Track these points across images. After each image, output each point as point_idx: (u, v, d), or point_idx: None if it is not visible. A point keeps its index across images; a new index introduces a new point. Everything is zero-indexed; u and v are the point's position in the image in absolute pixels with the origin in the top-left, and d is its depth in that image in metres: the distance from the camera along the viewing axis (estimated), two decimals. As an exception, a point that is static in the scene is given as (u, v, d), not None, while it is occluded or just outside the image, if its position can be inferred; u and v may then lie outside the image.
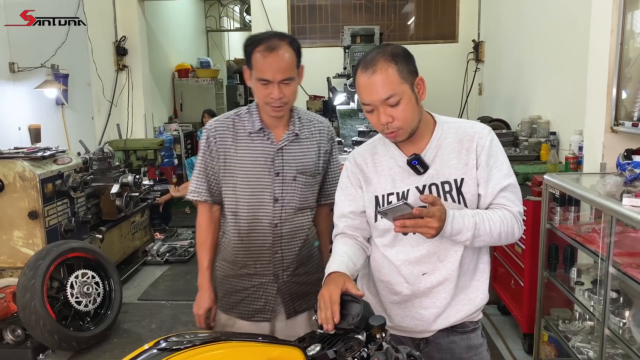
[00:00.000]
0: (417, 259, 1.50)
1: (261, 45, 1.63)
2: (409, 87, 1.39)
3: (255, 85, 1.68)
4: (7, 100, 4.11)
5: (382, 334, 1.22)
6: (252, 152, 1.75)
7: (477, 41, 6.11)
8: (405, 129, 1.42)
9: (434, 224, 1.30)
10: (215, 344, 1.09)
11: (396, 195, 1.49)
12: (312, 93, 6.17)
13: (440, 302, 1.51)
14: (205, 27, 10.11)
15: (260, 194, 1.76)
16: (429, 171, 1.47)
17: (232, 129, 1.77)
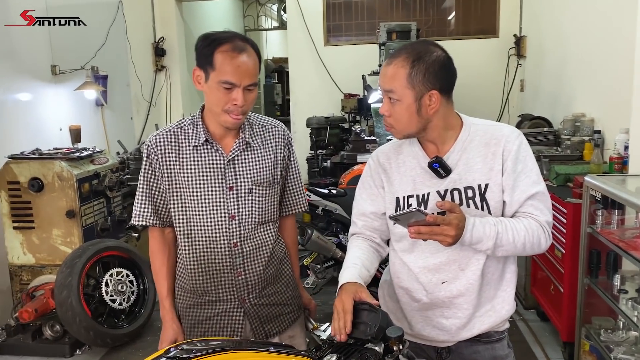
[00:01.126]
0: (436, 267, 1.44)
1: (226, 45, 1.48)
2: (414, 95, 1.34)
3: (213, 89, 1.50)
4: (49, 102, 4.24)
5: (399, 346, 1.16)
6: (199, 167, 1.59)
7: (518, 36, 5.90)
8: (397, 129, 1.39)
9: (450, 232, 1.25)
10: (226, 354, 1.06)
11: (416, 198, 1.44)
12: (347, 91, 6.11)
13: (463, 313, 1.45)
14: (244, 27, 10.19)
15: (213, 212, 1.60)
16: (451, 175, 1.41)
17: (174, 143, 1.60)
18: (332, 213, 3.67)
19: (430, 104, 1.35)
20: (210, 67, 1.48)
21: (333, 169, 5.21)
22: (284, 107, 10.33)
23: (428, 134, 1.41)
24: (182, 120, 1.65)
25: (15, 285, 3.50)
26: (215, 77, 1.48)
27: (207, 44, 1.50)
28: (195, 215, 1.61)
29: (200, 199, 1.59)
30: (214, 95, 1.50)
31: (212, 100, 1.52)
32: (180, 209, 1.62)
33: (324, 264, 3.59)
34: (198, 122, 1.61)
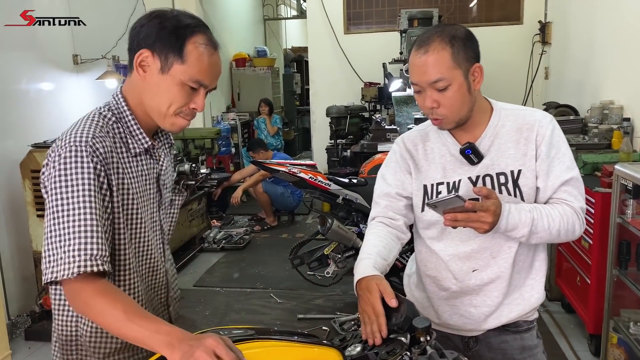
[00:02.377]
0: (467, 255, 1.40)
1: (202, 36, 1.17)
2: (462, 73, 1.29)
3: (171, 85, 1.16)
4: (71, 91, 4.27)
5: (426, 337, 1.13)
6: (140, 180, 1.24)
7: (543, 22, 5.76)
8: (450, 118, 1.32)
9: (488, 219, 1.21)
10: (250, 342, 1.04)
11: (446, 185, 1.40)
12: (367, 80, 6.06)
13: (492, 301, 1.41)
14: (263, 16, 10.16)
15: (152, 234, 1.29)
16: (483, 161, 1.37)
17: (114, 149, 1.18)
18: (353, 202, 3.64)
19: (475, 78, 1.32)
20: (177, 58, 1.15)
21: (353, 159, 5.17)
22: (303, 96, 10.30)
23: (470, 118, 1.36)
24: (101, 115, 1.21)
25: (40, 273, 3.55)
26: (181, 72, 1.15)
27: (176, 27, 1.16)
28: (140, 244, 1.26)
29: (144, 222, 1.25)
30: (169, 93, 1.17)
31: (162, 98, 1.17)
32: (127, 240, 1.21)
33: (344, 254, 3.56)
34: (129, 118, 1.23)
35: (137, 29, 1.18)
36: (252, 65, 8.42)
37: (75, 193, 1.08)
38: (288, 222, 5.89)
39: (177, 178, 1.46)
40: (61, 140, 1.13)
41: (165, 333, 1.00)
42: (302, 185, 3.61)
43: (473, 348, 1.48)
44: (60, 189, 1.08)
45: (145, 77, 1.17)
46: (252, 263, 4.65)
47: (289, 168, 3.47)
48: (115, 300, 1.06)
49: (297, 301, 3.85)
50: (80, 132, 1.13)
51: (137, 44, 1.17)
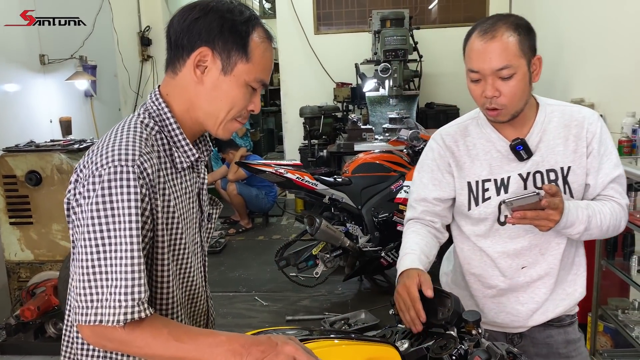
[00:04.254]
0: (517, 252, 1.41)
1: (261, 29, 1.05)
2: (526, 63, 1.27)
3: (235, 86, 1.04)
4: (38, 93, 4.08)
5: (477, 330, 1.14)
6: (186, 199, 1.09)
7: (508, 23, 5.93)
8: (509, 109, 1.29)
9: (556, 217, 1.22)
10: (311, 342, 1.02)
11: (494, 182, 1.39)
12: (339, 80, 6.07)
13: (539, 297, 1.43)
14: (225, 16, 10.00)
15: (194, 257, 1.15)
16: (533, 158, 1.36)
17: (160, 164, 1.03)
18: (339, 202, 3.64)
19: (534, 70, 1.30)
20: (243, 56, 1.02)
21: (328, 159, 5.17)
22: (267, 97, 10.22)
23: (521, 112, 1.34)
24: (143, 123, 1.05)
25: (13, 283, 3.37)
26: (246, 72, 1.03)
27: (238, 20, 1.02)
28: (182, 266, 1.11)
29: (187, 243, 1.10)
30: (231, 95, 1.04)
31: (223, 101, 1.04)
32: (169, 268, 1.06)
33: (332, 253, 3.56)
34: (175, 129, 1.07)
35: (189, 22, 1.02)
36: (218, 66, 8.28)
37: (123, 225, 0.93)
38: (262, 224, 5.83)
39: None
40: (100, 155, 0.96)
41: (227, 342, 0.93)
42: (288, 186, 3.58)
43: (517, 344, 1.48)
44: (105, 218, 0.92)
45: (203, 78, 1.03)
46: (231, 267, 4.57)
47: (275, 169, 3.43)
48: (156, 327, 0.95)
49: (283, 303, 3.81)
50: (125, 147, 0.96)
51: (189, 40, 1.02)
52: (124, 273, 0.92)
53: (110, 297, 0.91)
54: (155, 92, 1.09)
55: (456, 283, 1.55)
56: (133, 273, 0.92)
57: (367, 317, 3.35)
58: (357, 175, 3.80)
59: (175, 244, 1.07)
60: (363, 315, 3.37)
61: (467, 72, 1.31)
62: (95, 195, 0.93)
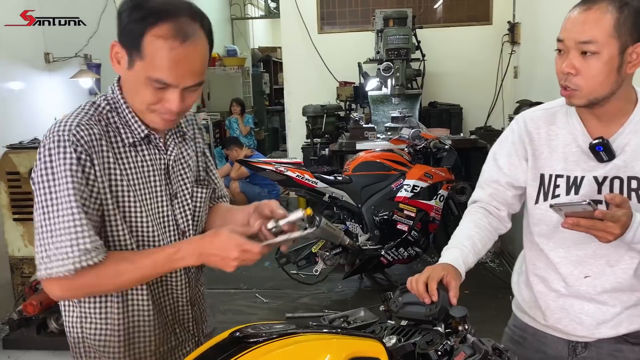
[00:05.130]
0: (580, 259, 1.28)
1: (164, 26, 1.03)
2: (619, 46, 1.11)
3: (138, 81, 1.08)
4: (43, 91, 4.13)
5: (464, 326, 1.15)
6: (141, 172, 1.17)
7: (512, 22, 5.92)
8: (584, 92, 1.15)
9: (615, 230, 1.08)
10: (293, 337, 1.04)
11: (566, 179, 1.26)
12: (342, 79, 6.08)
13: (608, 311, 1.28)
14: (230, 15, 10.05)
15: (164, 231, 1.21)
16: (614, 161, 1.21)
17: (105, 138, 1.12)
18: (339, 200, 3.66)
19: (631, 60, 1.14)
20: (137, 53, 1.05)
21: (331, 157, 5.19)
22: (272, 96, 10.26)
23: (607, 104, 1.18)
24: (94, 106, 1.15)
25: (17, 279, 3.42)
26: (143, 70, 1.06)
27: (136, 16, 1.04)
28: (144, 238, 1.18)
29: (149, 215, 1.17)
30: (137, 88, 1.10)
31: (133, 93, 1.12)
32: (130, 233, 1.16)
33: (332, 251, 3.58)
34: (124, 108, 1.15)
35: (118, 18, 1.10)
36: (222, 64, 8.33)
37: (61, 186, 1.05)
38: (265, 222, 5.84)
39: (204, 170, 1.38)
40: (49, 130, 1.10)
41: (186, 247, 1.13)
42: (288, 184, 3.60)
43: (580, 354, 1.35)
44: (47, 182, 1.06)
45: (120, 71, 1.13)
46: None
47: (275, 167, 3.46)
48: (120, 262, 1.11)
49: (283, 300, 3.83)
50: (65, 121, 1.10)
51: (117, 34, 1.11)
52: (66, 228, 1.05)
53: (57, 251, 1.05)
54: (116, 79, 1.21)
55: (525, 283, 1.44)
56: (75, 227, 1.05)
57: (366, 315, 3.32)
58: (357, 174, 3.82)
59: (128, 212, 1.16)
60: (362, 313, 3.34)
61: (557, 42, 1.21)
62: (41, 163, 1.07)
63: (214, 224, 1.39)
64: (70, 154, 1.06)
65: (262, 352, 0.97)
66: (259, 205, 1.23)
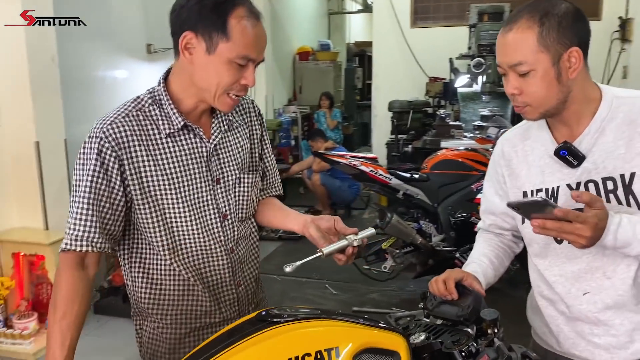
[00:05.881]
0: (575, 275, 1.21)
1: (243, 9, 1.15)
2: (550, 58, 1.09)
3: (219, 64, 1.15)
4: (144, 79, 4.45)
5: (494, 330, 1.10)
6: (178, 161, 1.25)
7: (624, 18, 5.45)
8: (534, 107, 1.14)
9: (585, 233, 1.01)
10: (315, 321, 1.05)
11: (545, 192, 1.22)
12: (432, 75, 5.95)
13: (617, 331, 1.19)
14: (327, 10, 10.18)
15: (203, 214, 1.29)
16: (584, 164, 1.16)
17: (139, 132, 1.22)
18: (413, 198, 3.59)
19: (570, 65, 1.11)
20: (222, 36, 1.13)
21: (414, 155, 5.10)
22: (364, 91, 10.25)
23: (565, 110, 1.15)
24: (137, 101, 1.25)
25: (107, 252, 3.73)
26: (228, 50, 1.14)
27: (215, 3, 1.14)
28: (181, 223, 1.26)
29: (185, 200, 1.26)
30: (217, 72, 1.16)
31: (211, 78, 1.17)
32: (159, 219, 1.24)
33: (403, 249, 3.52)
34: (165, 100, 1.24)
35: (177, 11, 1.17)
36: (315, 58, 8.46)
37: (83, 176, 1.20)
38: (344, 215, 5.89)
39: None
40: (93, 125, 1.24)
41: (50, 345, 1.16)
42: (362, 178, 3.60)
43: None
44: (76, 171, 1.22)
45: (193, 59, 1.17)
46: (307, 254, 4.64)
47: (349, 160, 3.47)
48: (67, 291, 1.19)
49: (352, 294, 3.85)
50: (104, 119, 1.22)
51: (179, 26, 1.16)
52: (75, 214, 1.19)
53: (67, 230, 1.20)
54: (163, 73, 1.28)
55: (534, 307, 1.38)
56: (81, 215, 1.18)
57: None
58: (435, 172, 3.72)
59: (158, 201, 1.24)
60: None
61: None
62: (78, 154, 1.23)
63: (263, 217, 1.46)
64: (94, 149, 1.19)
65: (279, 332, 1.00)
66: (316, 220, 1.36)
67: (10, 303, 3.07)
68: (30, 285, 3.14)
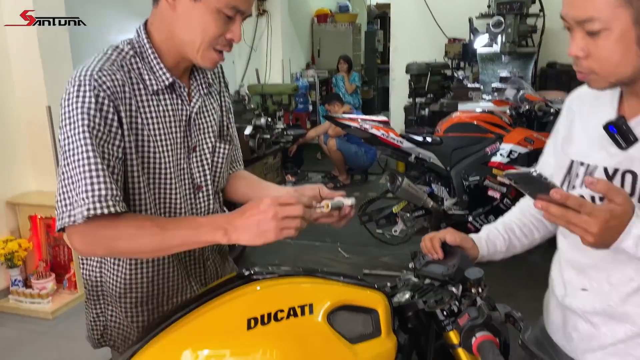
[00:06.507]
0: (581, 267, 1.09)
1: None
2: (632, 15, 0.88)
3: (204, 15, 1.05)
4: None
5: (478, 289, 1.08)
6: (162, 122, 1.13)
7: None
8: (601, 75, 0.95)
9: (592, 228, 0.85)
10: (291, 278, 1.05)
11: (585, 168, 1.06)
12: (451, 35, 5.76)
13: (603, 341, 1.07)
14: (348, -29, 9.90)
15: (179, 185, 1.18)
16: (632, 150, 0.97)
17: (129, 84, 1.09)
18: (425, 162, 3.54)
19: None
20: None
21: (431, 118, 5.01)
22: (385, 55, 10.03)
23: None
24: (118, 50, 1.12)
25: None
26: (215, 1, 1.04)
27: None
28: (160, 191, 1.15)
29: (167, 167, 1.14)
30: (202, 22, 1.06)
31: (195, 28, 1.07)
32: (150, 183, 1.14)
33: (414, 213, 3.50)
34: (150, 54, 1.13)
35: None
36: (334, 21, 8.29)
37: (77, 129, 1.01)
38: (361, 181, 5.87)
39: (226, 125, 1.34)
40: (71, 76, 1.06)
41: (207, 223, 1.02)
42: (373, 142, 3.55)
43: None
44: (65, 127, 1.03)
45: (176, 6, 1.06)
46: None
47: (360, 124, 3.42)
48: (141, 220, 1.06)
49: (364, 257, 3.86)
50: (87, 67, 1.05)
51: None
52: (82, 173, 1.00)
53: (77, 197, 1.01)
54: (141, 24, 1.16)
55: None
56: (91, 172, 1.00)
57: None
58: (449, 135, 3.65)
59: (148, 162, 1.12)
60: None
61: None
62: (62, 108, 1.05)
63: (237, 191, 1.37)
64: (90, 98, 1.02)
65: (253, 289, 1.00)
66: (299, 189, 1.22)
67: (29, 264, 3.18)
68: (48, 247, 3.24)
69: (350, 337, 0.99)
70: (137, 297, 1.20)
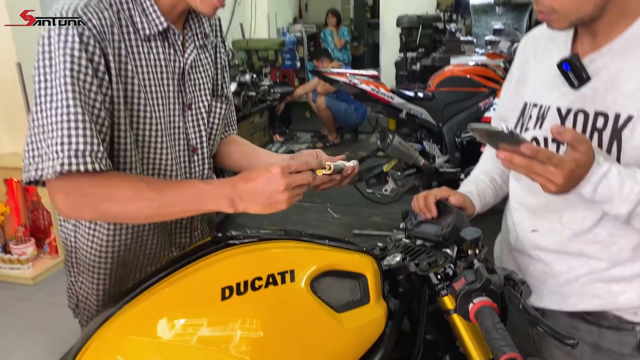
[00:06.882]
0: (532, 209, 1.07)
1: None
2: None
3: None
4: None
5: (475, 250, 0.99)
6: (154, 72, 1.01)
7: None
8: (562, 13, 0.91)
9: (557, 179, 0.83)
10: (272, 242, 0.95)
11: (538, 109, 1.04)
12: (444, -13, 5.56)
13: (554, 280, 1.06)
14: None
15: (172, 144, 1.07)
16: (584, 88, 0.96)
17: (118, 25, 0.96)
18: (417, 118, 3.43)
19: None
20: None
21: (423, 73, 4.86)
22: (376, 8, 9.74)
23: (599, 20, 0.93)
24: None
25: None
26: None
27: None
28: (150, 150, 1.03)
29: (159, 123, 1.02)
30: None
31: None
32: (131, 139, 1.00)
33: (405, 172, 3.41)
34: None
35: None
36: (322, -28, 7.98)
37: (58, 73, 0.88)
38: (351, 140, 5.75)
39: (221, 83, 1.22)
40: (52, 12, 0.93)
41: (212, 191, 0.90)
42: (363, 98, 3.42)
43: None
44: (43, 68, 0.89)
45: None
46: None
47: (349, 79, 3.28)
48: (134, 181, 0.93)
49: (354, 217, 3.79)
50: (70, 3, 0.91)
51: None
52: (58, 123, 0.87)
53: (49, 149, 0.88)
54: None
55: None
56: (69, 122, 0.87)
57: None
58: (441, 90, 3.53)
59: (137, 115, 1.00)
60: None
61: None
62: (39, 47, 0.91)
63: (230, 157, 1.26)
64: (73, 37, 0.88)
65: (229, 255, 0.90)
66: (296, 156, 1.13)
67: (8, 229, 3.07)
68: (27, 211, 3.12)
69: (336, 305, 0.91)
70: (111, 267, 1.09)
